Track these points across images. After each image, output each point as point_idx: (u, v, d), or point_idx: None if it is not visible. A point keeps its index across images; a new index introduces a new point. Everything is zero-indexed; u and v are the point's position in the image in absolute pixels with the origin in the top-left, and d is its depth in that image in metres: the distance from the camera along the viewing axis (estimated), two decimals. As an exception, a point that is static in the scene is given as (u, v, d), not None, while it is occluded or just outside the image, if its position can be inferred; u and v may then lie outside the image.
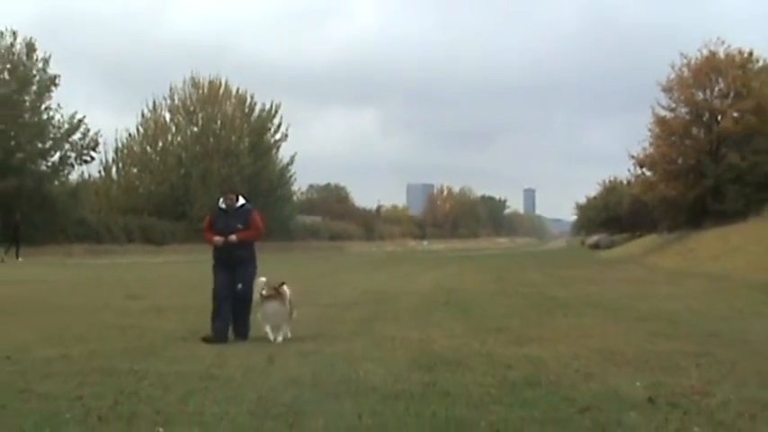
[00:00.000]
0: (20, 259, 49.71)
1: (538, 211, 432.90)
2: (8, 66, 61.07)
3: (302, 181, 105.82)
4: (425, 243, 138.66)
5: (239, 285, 14.33)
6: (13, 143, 60.57)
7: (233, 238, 14.36)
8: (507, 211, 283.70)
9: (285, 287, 14.12)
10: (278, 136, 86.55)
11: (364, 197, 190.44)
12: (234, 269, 14.46)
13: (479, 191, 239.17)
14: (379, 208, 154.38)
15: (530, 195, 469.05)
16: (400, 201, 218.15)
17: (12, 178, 57.82)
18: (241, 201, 14.79)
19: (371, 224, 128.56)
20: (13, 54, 61.43)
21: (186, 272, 37.80)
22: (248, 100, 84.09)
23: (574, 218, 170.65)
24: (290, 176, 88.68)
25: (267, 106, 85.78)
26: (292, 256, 61.56)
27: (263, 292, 13.93)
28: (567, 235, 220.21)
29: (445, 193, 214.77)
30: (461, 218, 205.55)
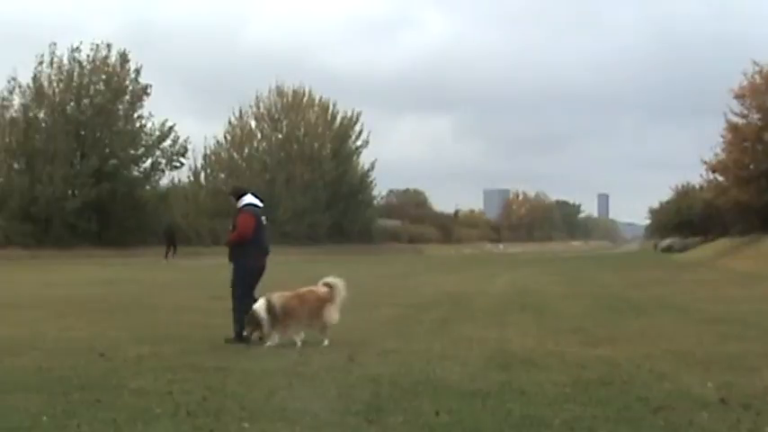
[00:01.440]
0: (165, 261, 52.27)
1: (611, 216, 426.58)
2: (103, 76, 62.36)
3: (382, 186, 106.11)
4: (501, 246, 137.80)
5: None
6: (107, 150, 61.97)
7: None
8: (581, 215, 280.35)
9: (259, 301, 13.72)
10: (359, 142, 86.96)
11: (442, 202, 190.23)
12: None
13: (554, 196, 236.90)
14: (456, 212, 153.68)
15: (603, 200, 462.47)
16: (477, 205, 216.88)
17: (106, 184, 59.18)
18: (242, 201, 14.79)
19: (449, 228, 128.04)
20: (108, 65, 62.70)
21: (269, 273, 38.10)
22: (330, 108, 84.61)
23: (647, 222, 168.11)
24: (371, 182, 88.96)
25: (349, 114, 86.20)
26: (373, 259, 61.65)
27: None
28: (641, 238, 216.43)
29: (521, 197, 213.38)
30: (536, 222, 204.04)
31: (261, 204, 15.03)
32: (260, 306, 13.45)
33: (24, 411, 8.32)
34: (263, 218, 14.84)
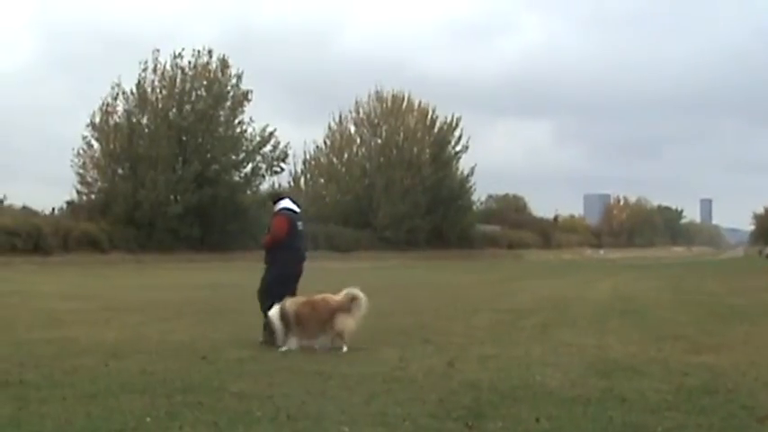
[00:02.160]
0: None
1: (714, 221, 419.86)
2: (204, 82, 63.31)
3: (481, 191, 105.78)
4: (602, 252, 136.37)
5: None
6: (208, 156, 62.93)
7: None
8: (683, 220, 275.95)
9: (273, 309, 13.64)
10: (458, 147, 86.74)
11: (541, 207, 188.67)
12: None
13: (655, 200, 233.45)
14: (556, 217, 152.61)
15: (706, 205, 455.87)
16: (577, 210, 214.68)
17: (207, 189, 60.07)
18: (278, 205, 14.98)
19: (549, 233, 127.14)
20: (209, 71, 63.64)
21: (370, 278, 38.24)
22: (430, 113, 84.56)
23: (751, 227, 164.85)
24: (470, 187, 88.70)
25: (448, 119, 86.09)
26: (472, 264, 61.55)
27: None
28: (745, 244, 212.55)
29: (621, 202, 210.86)
30: (637, 227, 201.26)
31: (298, 210, 15.22)
32: (274, 313, 13.52)
33: (129, 413, 8.45)
34: (300, 223, 15.03)
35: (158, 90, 63.61)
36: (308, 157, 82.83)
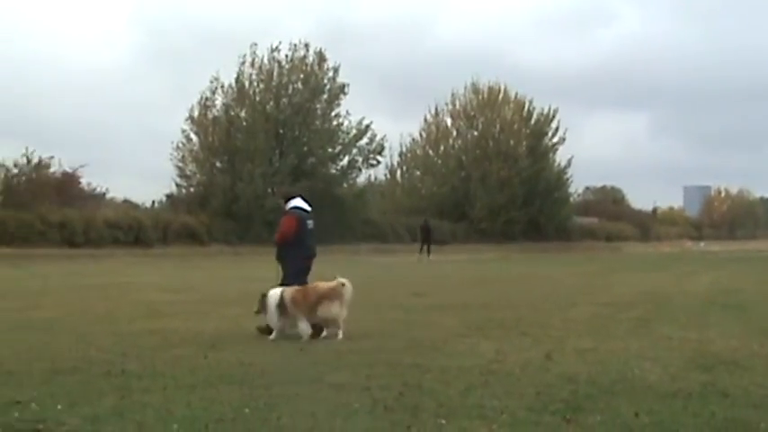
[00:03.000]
0: (431, 257, 53.87)
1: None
2: (301, 76, 63.69)
3: (578, 183, 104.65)
4: (702, 244, 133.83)
5: None
6: (305, 149, 63.31)
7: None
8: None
9: (271, 293, 14.16)
10: (555, 139, 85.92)
11: (640, 199, 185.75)
12: None
13: (758, 192, 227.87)
14: (654, 209, 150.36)
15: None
16: (676, 202, 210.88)
17: (304, 181, 60.33)
18: (289, 204, 15.48)
19: (647, 225, 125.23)
20: (306, 65, 64.01)
21: (467, 270, 38.20)
22: (526, 105, 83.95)
23: None
24: (567, 179, 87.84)
25: (545, 110, 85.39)
26: (569, 256, 60.95)
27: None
28: None
29: (722, 194, 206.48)
30: (739, 219, 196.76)
31: (308, 209, 15.56)
32: (273, 297, 13.96)
33: (227, 404, 8.55)
34: (311, 222, 15.41)
35: (256, 84, 64.15)
36: (403, 149, 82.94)
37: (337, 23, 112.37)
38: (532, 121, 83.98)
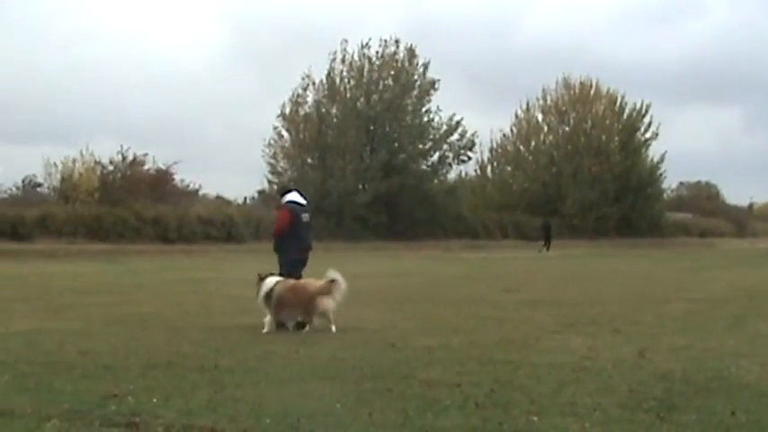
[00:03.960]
0: (548, 252, 55.94)
1: None
2: (392, 72, 63.78)
3: (671, 178, 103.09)
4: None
5: None
6: (396, 144, 63.38)
7: None
8: None
9: (267, 281, 14.57)
10: (648, 134, 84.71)
11: (735, 194, 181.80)
12: None
13: None
14: (750, 205, 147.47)
15: None
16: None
17: (395, 177, 60.54)
18: (285, 198, 16.02)
19: (743, 221, 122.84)
20: (396, 61, 64.10)
21: (558, 266, 37.95)
22: (618, 100, 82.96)
23: None
24: (660, 174, 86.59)
25: (637, 106, 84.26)
26: (662, 253, 60.07)
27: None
28: None
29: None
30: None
31: (304, 202, 16.11)
32: (266, 285, 14.46)
33: (319, 399, 8.61)
34: (306, 215, 15.97)
35: (347, 80, 64.45)
36: (494, 145, 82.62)
37: (424, 19, 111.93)
38: (624, 117, 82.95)
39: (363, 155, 62.89)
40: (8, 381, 9.53)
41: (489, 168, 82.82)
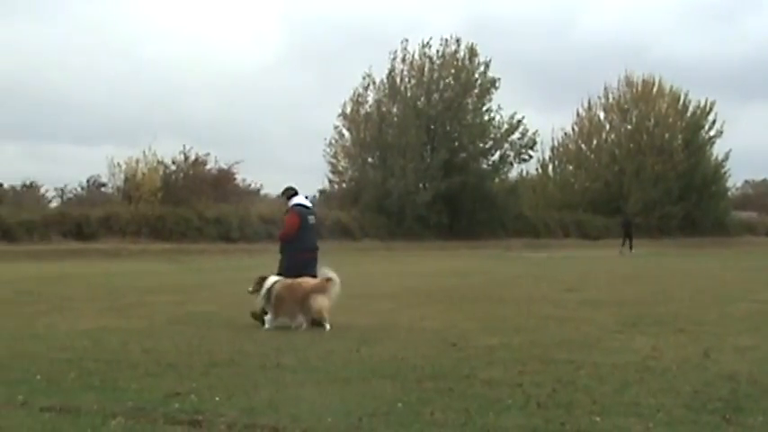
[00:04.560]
0: (633, 251, 55.53)
1: None
2: (452, 71, 63.70)
3: (736, 177, 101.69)
4: None
5: None
6: (456, 144, 63.31)
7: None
8: None
9: (268, 280, 14.96)
10: (712, 132, 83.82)
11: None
12: None
13: None
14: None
15: None
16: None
17: (456, 176, 60.45)
18: (292, 201, 16.38)
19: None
20: (457, 60, 64.02)
21: (621, 266, 37.67)
22: (682, 97, 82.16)
23: None
24: (725, 172, 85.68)
25: (701, 103, 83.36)
26: (727, 252, 59.28)
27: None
28: None
29: None
30: None
31: (309, 205, 16.78)
32: (266, 286, 14.83)
33: (380, 398, 8.61)
34: (312, 217, 16.36)
35: (407, 79, 64.48)
36: (555, 143, 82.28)
37: (483, 18, 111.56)
38: (688, 114, 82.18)
39: (424, 154, 62.84)
40: (74, 378, 9.65)
41: (550, 167, 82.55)
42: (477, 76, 64.50)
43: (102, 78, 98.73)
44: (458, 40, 64.37)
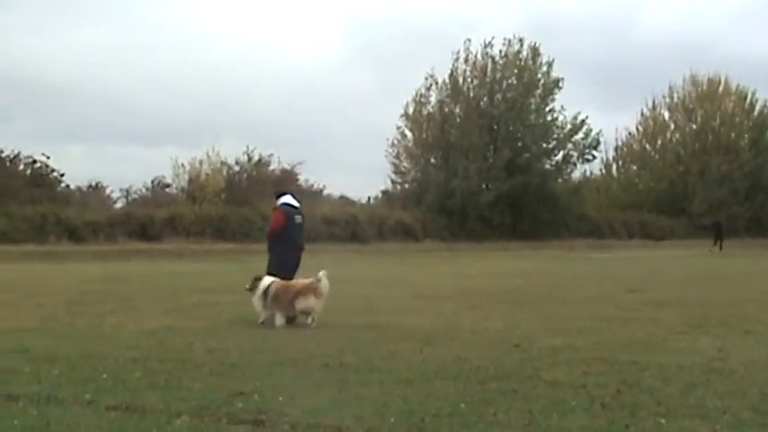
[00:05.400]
0: (710, 252, 55.52)
1: None
2: (515, 71, 63.52)
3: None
4: None
5: None
6: (519, 144, 63.14)
7: None
8: None
9: (264, 280, 15.49)
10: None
11: None
12: None
13: None
14: None
15: None
16: None
17: (519, 177, 60.30)
18: (279, 201, 16.84)
19: None
20: (520, 60, 63.82)
21: (685, 266, 37.29)
22: (749, 96, 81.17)
23: None
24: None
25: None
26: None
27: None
28: None
29: None
30: None
31: (297, 205, 17.01)
32: (263, 284, 15.39)
33: (443, 399, 8.60)
34: (299, 217, 16.81)
35: (470, 79, 64.42)
36: (619, 143, 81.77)
37: (543, 17, 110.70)
38: (755, 113, 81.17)
39: (486, 154, 62.77)
40: (140, 377, 9.75)
41: (614, 167, 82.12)
42: (540, 75, 64.24)
43: (164, 80, 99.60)
44: (521, 40, 64.27)
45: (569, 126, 64.72)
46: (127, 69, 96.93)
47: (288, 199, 16.89)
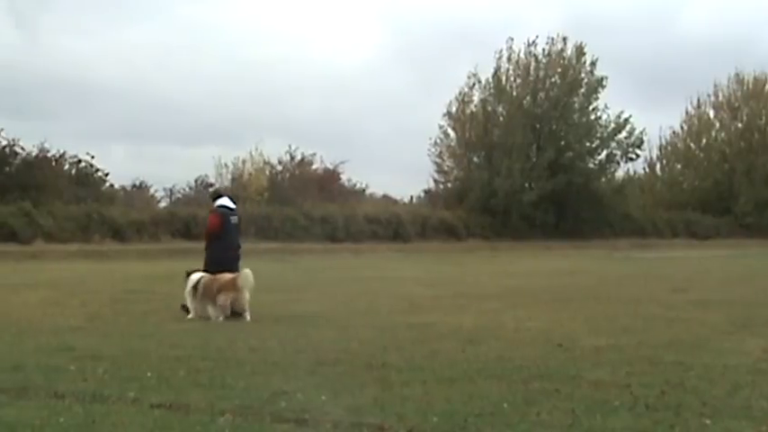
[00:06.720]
0: None
1: None
2: (559, 70, 63.28)
3: None
4: None
5: None
6: (563, 143, 62.88)
7: None
8: None
9: (193, 276, 16.15)
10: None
11: None
12: None
13: None
14: None
15: None
16: None
17: (562, 176, 60.09)
18: (217, 202, 17.73)
19: None
20: (564, 58, 63.58)
21: (730, 266, 37.01)
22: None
23: None
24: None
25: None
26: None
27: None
28: None
29: None
30: None
31: (233, 207, 17.72)
32: (192, 280, 16.04)
33: (486, 398, 8.57)
34: (234, 218, 17.55)
35: (513, 79, 64.30)
36: (663, 142, 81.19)
37: (583, 15, 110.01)
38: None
39: (530, 153, 62.59)
40: (183, 376, 9.80)
41: (658, 166, 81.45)
42: (583, 74, 63.97)
43: (206, 79, 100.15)
44: (564, 39, 63.99)
45: (612, 125, 64.40)
46: (170, 69, 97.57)
47: (225, 201, 17.66)
